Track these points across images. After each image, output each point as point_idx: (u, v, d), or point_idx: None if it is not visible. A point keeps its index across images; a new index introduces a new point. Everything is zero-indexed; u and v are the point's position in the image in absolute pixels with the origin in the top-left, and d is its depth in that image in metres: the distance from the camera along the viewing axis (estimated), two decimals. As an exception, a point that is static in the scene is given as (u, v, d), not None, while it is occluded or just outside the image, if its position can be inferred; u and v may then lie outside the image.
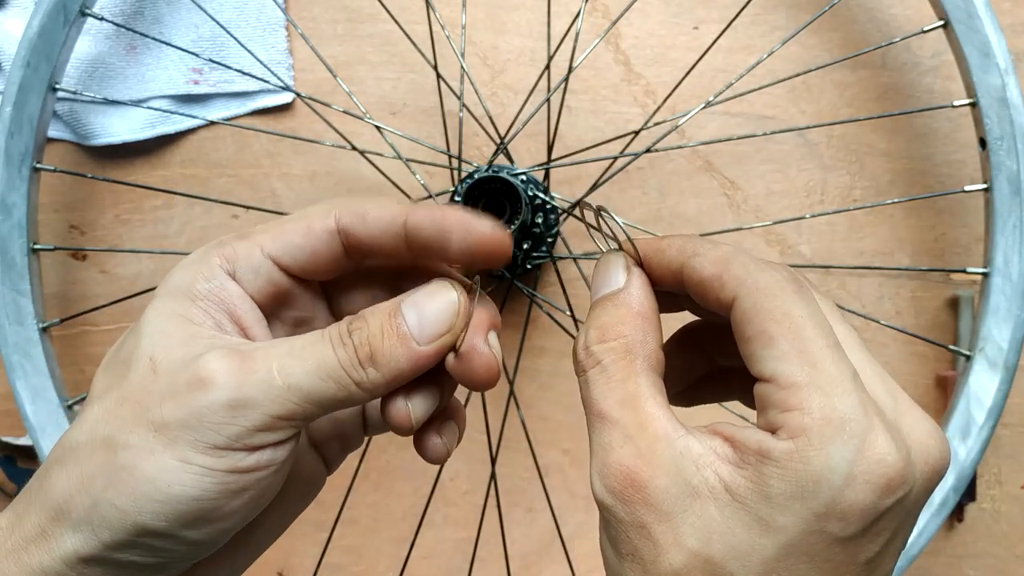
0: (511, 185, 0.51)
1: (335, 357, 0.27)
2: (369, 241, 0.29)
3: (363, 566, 0.61)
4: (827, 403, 0.24)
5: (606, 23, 0.60)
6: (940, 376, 0.60)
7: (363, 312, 0.29)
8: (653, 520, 0.25)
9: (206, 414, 0.26)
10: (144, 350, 0.27)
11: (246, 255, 0.29)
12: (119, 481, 0.26)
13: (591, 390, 0.27)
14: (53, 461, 0.28)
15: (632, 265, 0.29)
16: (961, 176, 0.60)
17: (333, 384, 0.27)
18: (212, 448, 0.26)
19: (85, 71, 0.58)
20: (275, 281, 0.30)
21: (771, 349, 0.25)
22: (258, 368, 0.27)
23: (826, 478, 0.23)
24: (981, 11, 0.51)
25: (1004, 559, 0.60)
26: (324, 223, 0.29)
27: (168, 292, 0.29)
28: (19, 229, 0.53)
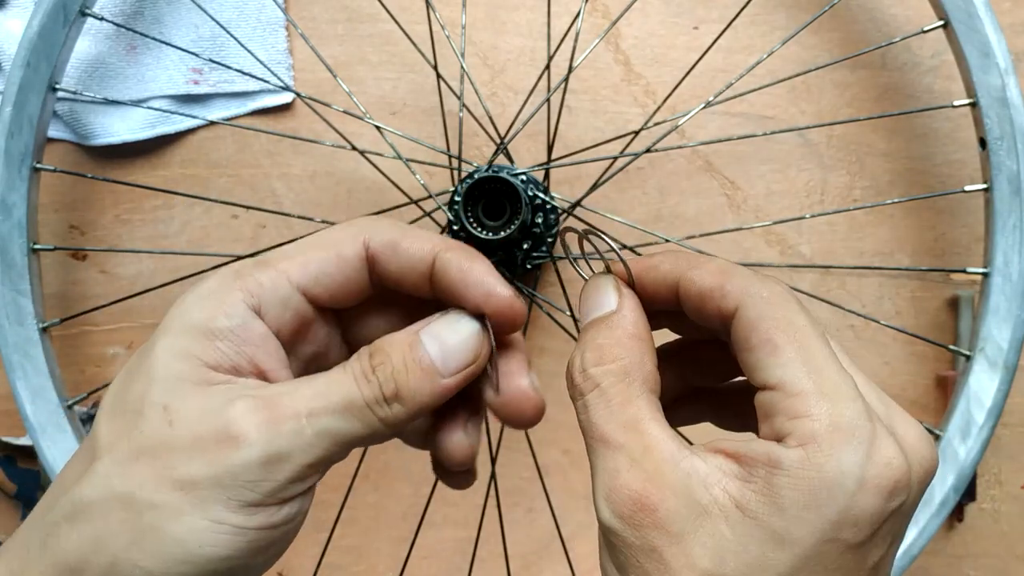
0: (511, 185, 0.51)
1: (360, 396, 0.27)
2: (396, 273, 0.29)
3: (363, 566, 0.61)
4: (835, 410, 0.24)
5: (606, 23, 0.60)
6: (940, 376, 0.60)
7: (382, 344, 0.28)
8: (664, 543, 0.24)
9: (239, 472, 0.25)
10: (156, 397, 0.26)
11: (272, 287, 0.28)
12: (144, 542, 0.25)
13: (591, 414, 0.26)
14: (61, 518, 0.26)
15: (623, 287, 0.29)
16: (961, 176, 0.60)
17: (359, 424, 0.27)
18: (246, 506, 0.25)
19: (85, 71, 0.58)
20: (302, 313, 0.29)
21: (777, 357, 0.25)
22: (286, 418, 0.26)
23: (839, 484, 0.23)
24: (981, 11, 0.51)
25: (1004, 559, 0.60)
26: (354, 249, 0.28)
27: (182, 328, 0.27)
28: (19, 229, 0.53)
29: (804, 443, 0.24)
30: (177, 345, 0.27)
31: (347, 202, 0.60)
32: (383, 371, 0.27)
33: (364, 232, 0.29)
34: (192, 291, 0.28)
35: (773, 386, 0.25)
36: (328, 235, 0.29)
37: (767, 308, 0.26)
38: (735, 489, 0.24)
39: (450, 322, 0.29)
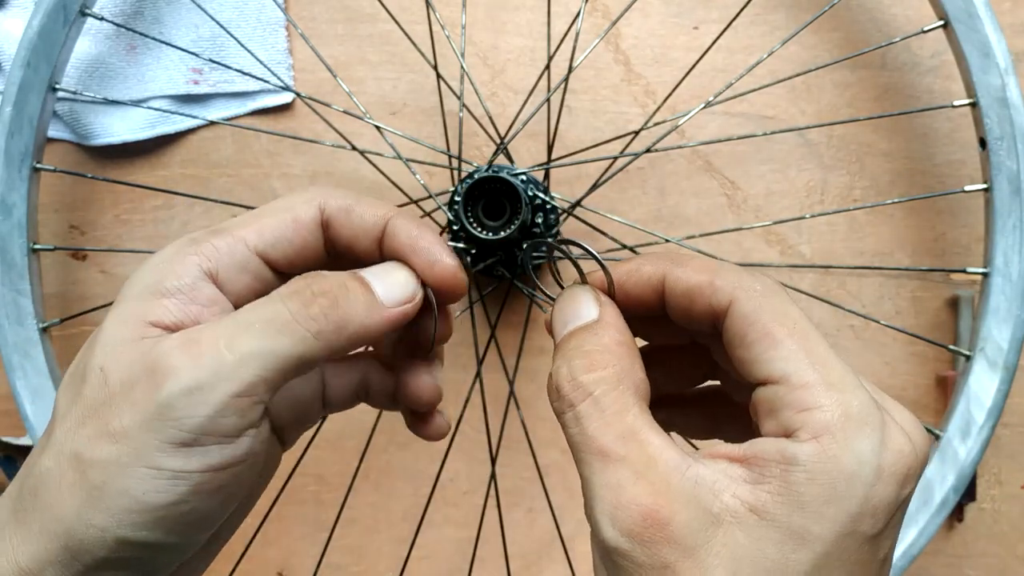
0: (511, 185, 0.51)
1: (286, 310, 0.26)
2: (349, 237, 0.29)
3: (363, 566, 0.61)
4: (844, 399, 0.24)
5: (606, 23, 0.60)
6: (940, 376, 0.60)
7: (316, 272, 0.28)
8: (677, 558, 0.23)
9: (164, 411, 0.25)
10: (96, 361, 0.26)
11: (229, 251, 0.28)
12: (92, 500, 0.25)
13: (585, 425, 0.25)
14: (27, 491, 0.26)
15: (601, 295, 0.28)
16: (961, 176, 0.60)
17: (287, 340, 0.26)
18: (179, 447, 0.25)
19: (85, 71, 0.58)
20: (261, 277, 0.29)
21: (778, 350, 0.25)
22: (207, 348, 0.25)
23: (858, 475, 0.23)
24: (981, 11, 0.51)
25: (1004, 559, 0.60)
26: (311, 215, 0.29)
27: (131, 295, 0.27)
28: (19, 229, 0.53)
29: (818, 435, 0.23)
30: (123, 311, 0.27)
31: (347, 202, 0.60)
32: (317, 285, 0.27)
33: (319, 197, 0.29)
34: (148, 260, 0.28)
35: (776, 380, 0.24)
36: (283, 201, 0.29)
37: (763, 301, 0.26)
38: (746, 493, 0.23)
39: (388, 267, 0.29)
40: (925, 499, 0.52)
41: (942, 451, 0.52)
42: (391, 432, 0.61)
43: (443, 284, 0.29)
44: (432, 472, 0.59)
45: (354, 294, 0.28)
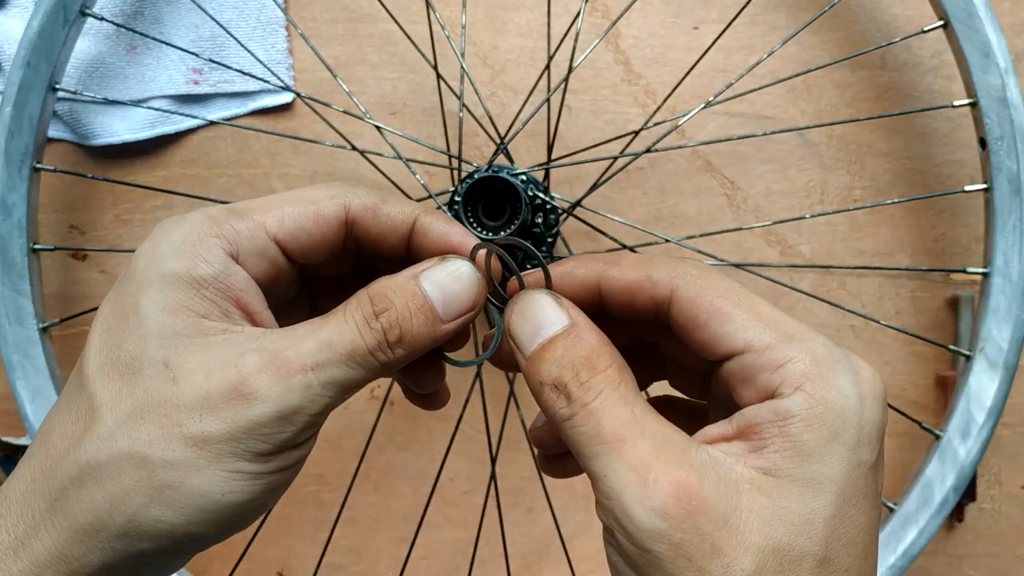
0: (511, 185, 0.51)
1: (364, 345, 0.27)
2: (376, 236, 0.29)
3: (363, 566, 0.61)
4: (808, 347, 0.25)
5: (606, 23, 0.60)
6: (940, 376, 0.60)
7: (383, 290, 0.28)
8: (714, 528, 0.23)
9: (253, 428, 0.25)
10: (155, 354, 0.26)
11: (250, 236, 0.28)
12: (163, 498, 0.25)
13: (600, 418, 0.25)
14: (68, 481, 0.26)
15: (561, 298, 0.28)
16: (961, 176, 0.60)
17: (363, 370, 0.27)
18: (261, 456, 0.26)
19: (85, 71, 0.58)
20: (278, 264, 0.29)
21: (732, 323, 0.26)
22: (295, 372, 0.26)
23: (847, 407, 0.24)
24: (981, 11, 0.51)
25: (1004, 559, 0.60)
26: (335, 212, 0.29)
27: (164, 280, 0.27)
28: (19, 229, 0.53)
29: (799, 385, 0.24)
30: (164, 298, 0.26)
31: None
32: (387, 318, 0.27)
33: (344, 195, 0.29)
34: (163, 238, 0.27)
35: (741, 350, 0.25)
36: (307, 192, 0.29)
37: (703, 283, 0.26)
38: (755, 461, 0.24)
39: (449, 269, 0.29)
40: (925, 499, 0.52)
41: (942, 451, 0.52)
42: (391, 432, 0.61)
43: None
44: (432, 472, 0.59)
45: (417, 318, 0.28)
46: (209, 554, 0.61)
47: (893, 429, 0.60)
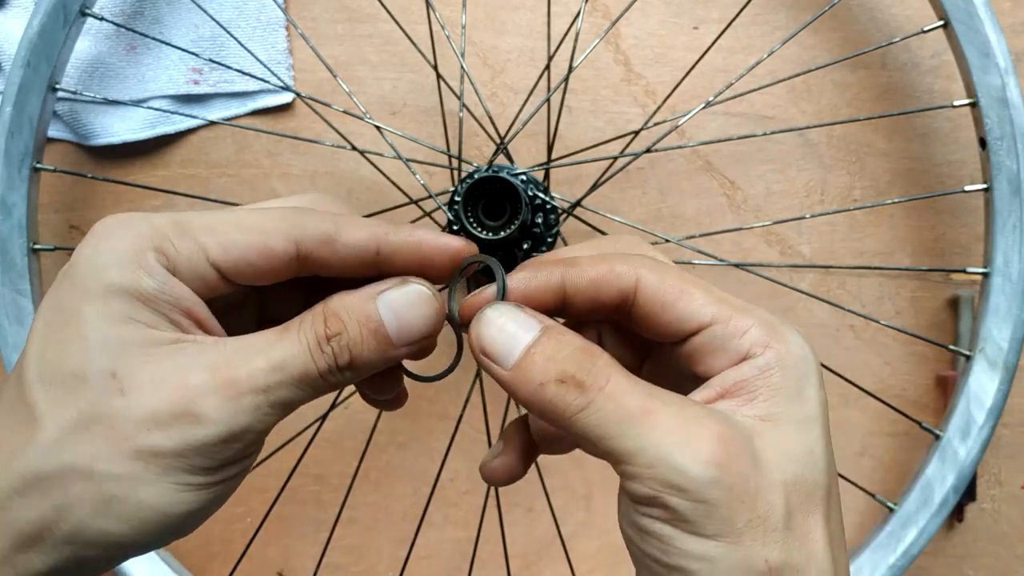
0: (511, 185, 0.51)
1: (315, 368, 0.27)
2: (337, 266, 0.29)
3: (363, 566, 0.61)
4: (756, 315, 0.28)
5: (606, 23, 0.60)
6: (940, 376, 0.60)
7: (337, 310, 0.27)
8: (750, 469, 0.25)
9: (202, 447, 0.26)
10: (101, 364, 0.25)
11: (188, 258, 0.27)
12: (110, 510, 0.25)
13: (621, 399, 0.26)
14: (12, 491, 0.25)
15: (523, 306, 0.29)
16: (961, 176, 0.60)
17: (311, 391, 0.27)
18: (207, 471, 0.26)
19: (85, 71, 0.58)
20: (213, 287, 0.28)
21: (696, 301, 0.28)
22: (244, 394, 0.26)
23: (804, 356, 0.28)
24: (981, 11, 0.51)
25: (1004, 559, 0.60)
26: (283, 247, 0.28)
27: (108, 291, 0.26)
28: (19, 229, 0.53)
29: (766, 344, 0.27)
30: (109, 309, 0.26)
31: (347, 202, 0.60)
32: (339, 342, 0.27)
33: (294, 230, 0.28)
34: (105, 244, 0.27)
35: (708, 323, 0.28)
36: (256, 220, 0.28)
37: (663, 270, 0.29)
38: (749, 411, 0.27)
39: (407, 293, 0.29)
40: (925, 499, 0.52)
41: (942, 451, 0.52)
42: (391, 432, 0.61)
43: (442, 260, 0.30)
44: (432, 472, 0.59)
45: (369, 343, 0.28)
46: (209, 554, 0.61)
47: (893, 429, 0.60)
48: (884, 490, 0.59)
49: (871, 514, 0.59)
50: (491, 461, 0.32)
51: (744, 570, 0.24)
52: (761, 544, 0.25)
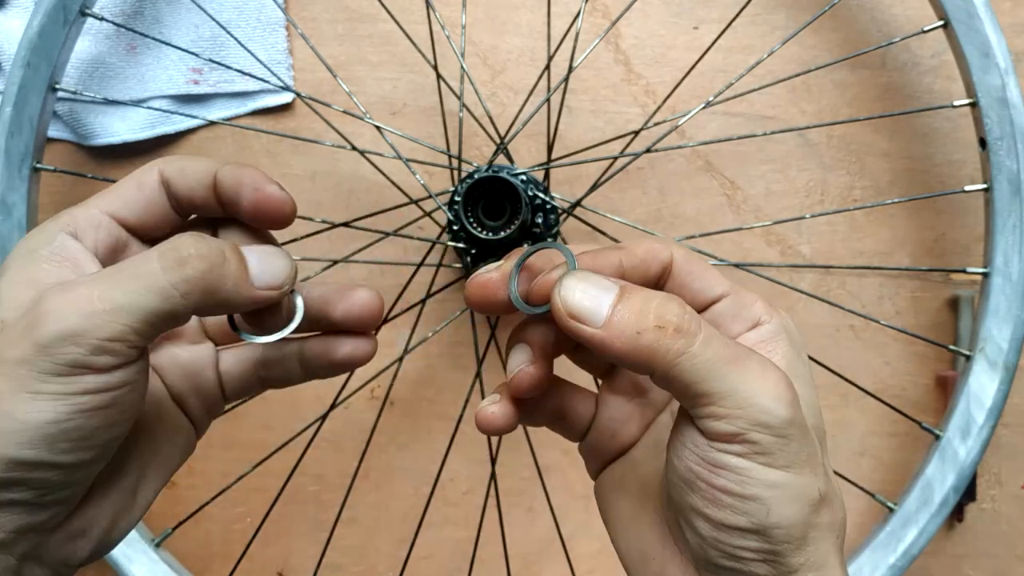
0: (511, 185, 0.51)
1: (159, 268, 0.29)
2: (187, 192, 0.33)
3: (363, 566, 0.61)
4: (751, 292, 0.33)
5: (606, 23, 0.60)
6: (940, 376, 0.60)
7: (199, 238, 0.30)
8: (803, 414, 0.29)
9: (42, 350, 0.28)
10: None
11: (85, 216, 0.32)
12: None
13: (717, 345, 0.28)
14: None
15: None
16: (961, 176, 0.60)
17: (155, 296, 0.29)
18: (54, 376, 0.28)
19: (85, 71, 0.58)
20: (115, 234, 0.32)
21: (714, 275, 0.33)
22: (80, 297, 0.28)
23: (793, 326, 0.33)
24: (981, 11, 0.51)
25: (1004, 559, 0.60)
26: (150, 176, 0.33)
27: (13, 263, 0.31)
28: (19, 229, 0.53)
29: (769, 313, 0.32)
30: (12, 276, 0.30)
31: (347, 202, 0.60)
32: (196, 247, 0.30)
33: (157, 164, 0.33)
34: (19, 241, 0.32)
35: (724, 294, 0.32)
36: (131, 173, 0.33)
37: (685, 249, 0.33)
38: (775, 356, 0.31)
39: (269, 250, 0.32)
40: (925, 499, 0.52)
41: (942, 451, 0.52)
42: (391, 432, 0.61)
43: (270, 209, 0.33)
44: (432, 472, 0.59)
45: (228, 265, 0.30)
46: (209, 554, 0.61)
47: (893, 429, 0.60)
48: (884, 490, 0.59)
49: (871, 514, 0.59)
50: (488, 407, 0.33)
51: (805, 497, 0.28)
52: (813, 475, 0.28)
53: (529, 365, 0.32)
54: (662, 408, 0.35)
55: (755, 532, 0.28)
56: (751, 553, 0.28)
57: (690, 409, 0.28)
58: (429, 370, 0.61)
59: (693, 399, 0.28)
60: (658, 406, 0.35)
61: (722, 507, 0.28)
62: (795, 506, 0.28)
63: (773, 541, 0.28)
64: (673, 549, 0.31)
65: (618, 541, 0.33)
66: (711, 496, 0.28)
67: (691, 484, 0.29)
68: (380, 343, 0.58)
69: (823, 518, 0.29)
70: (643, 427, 0.35)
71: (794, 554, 0.28)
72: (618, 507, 0.34)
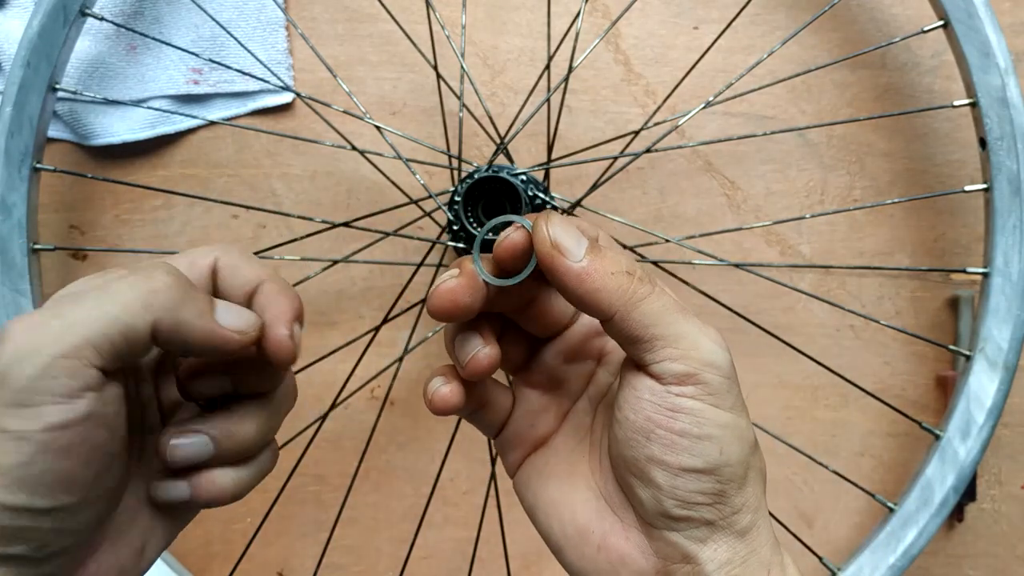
0: (511, 185, 0.51)
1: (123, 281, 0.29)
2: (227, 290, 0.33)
3: (363, 566, 0.61)
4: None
5: (606, 23, 0.60)
6: (940, 376, 0.60)
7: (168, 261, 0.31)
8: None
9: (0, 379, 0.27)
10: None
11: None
12: None
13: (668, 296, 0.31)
14: None
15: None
16: (961, 176, 0.60)
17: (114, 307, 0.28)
18: (15, 408, 0.27)
19: (85, 71, 0.58)
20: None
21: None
22: (36, 316, 0.28)
23: None
24: (981, 11, 0.51)
25: (1004, 559, 0.60)
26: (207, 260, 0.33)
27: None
28: (19, 229, 0.53)
29: None
30: None
31: (347, 202, 0.60)
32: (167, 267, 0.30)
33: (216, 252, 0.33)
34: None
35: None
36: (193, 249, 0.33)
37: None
38: None
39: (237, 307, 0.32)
40: (925, 499, 0.52)
41: (942, 451, 0.52)
42: (391, 432, 0.61)
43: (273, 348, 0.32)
44: (432, 472, 0.59)
45: (196, 295, 0.30)
46: (209, 554, 0.61)
47: (893, 429, 0.60)
48: (884, 490, 0.59)
49: (871, 514, 0.59)
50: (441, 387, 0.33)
51: (746, 439, 0.31)
52: (748, 420, 0.31)
53: (485, 347, 0.32)
54: (577, 397, 0.36)
55: (708, 472, 0.30)
56: (703, 496, 0.30)
57: (645, 354, 0.30)
58: (429, 370, 0.61)
59: (649, 342, 0.30)
60: (573, 395, 0.36)
61: (680, 451, 0.30)
62: (739, 445, 0.30)
63: (723, 480, 0.30)
64: (612, 519, 0.32)
65: (550, 526, 0.34)
66: (669, 441, 0.30)
67: (650, 433, 0.30)
68: (380, 343, 0.58)
69: (756, 461, 0.31)
70: (560, 416, 0.36)
71: (737, 494, 0.30)
72: (546, 493, 0.34)
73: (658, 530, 0.31)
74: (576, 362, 0.36)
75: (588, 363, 0.36)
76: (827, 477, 0.58)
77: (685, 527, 0.30)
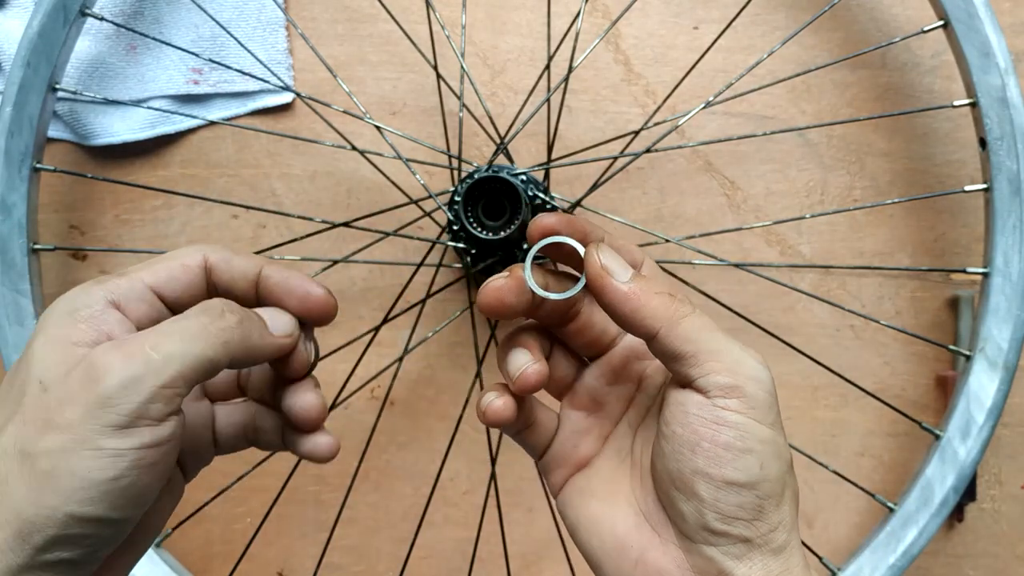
0: (511, 185, 0.51)
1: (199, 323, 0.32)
2: (228, 282, 0.35)
3: (363, 566, 0.61)
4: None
5: (606, 23, 0.60)
6: (940, 376, 0.60)
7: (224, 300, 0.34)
8: None
9: (104, 401, 0.29)
10: (34, 376, 0.31)
11: (129, 287, 0.33)
12: (43, 484, 0.29)
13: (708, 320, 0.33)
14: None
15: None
16: (961, 176, 0.60)
17: (201, 343, 0.31)
18: (117, 429, 0.29)
19: (85, 71, 0.58)
20: (157, 308, 0.34)
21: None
22: (135, 349, 0.30)
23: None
24: (981, 11, 0.51)
25: (1004, 559, 0.60)
26: (195, 259, 0.35)
27: (52, 322, 0.32)
28: (19, 229, 0.53)
29: None
30: (48, 335, 0.32)
31: (347, 202, 0.60)
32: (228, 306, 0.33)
33: (203, 249, 0.35)
34: (61, 296, 0.33)
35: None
36: (173, 252, 0.35)
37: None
38: None
39: (274, 312, 0.36)
40: (925, 499, 0.52)
41: (942, 451, 0.52)
42: (391, 432, 0.61)
43: (317, 309, 0.36)
44: (432, 472, 0.59)
45: (253, 319, 0.34)
46: (209, 554, 0.61)
47: (893, 429, 0.60)
48: (884, 490, 0.59)
49: (871, 514, 0.59)
50: (495, 400, 0.35)
51: (783, 457, 0.32)
52: (785, 439, 0.32)
53: (535, 363, 0.34)
54: (618, 420, 0.37)
55: (749, 487, 0.31)
56: (743, 511, 0.31)
57: (690, 369, 0.32)
58: (429, 370, 0.61)
59: (693, 356, 0.32)
60: (615, 417, 0.37)
61: (723, 464, 0.31)
62: (778, 462, 0.31)
63: (762, 495, 0.31)
64: (651, 534, 0.33)
65: (591, 542, 0.35)
66: (714, 454, 0.31)
67: (695, 447, 0.31)
68: (380, 343, 0.58)
69: (792, 481, 0.32)
70: (602, 438, 0.37)
71: (774, 511, 0.31)
72: (588, 511, 0.35)
73: (696, 544, 0.32)
74: (618, 384, 0.37)
75: (629, 386, 0.37)
76: (827, 477, 0.58)
77: (723, 542, 0.31)
